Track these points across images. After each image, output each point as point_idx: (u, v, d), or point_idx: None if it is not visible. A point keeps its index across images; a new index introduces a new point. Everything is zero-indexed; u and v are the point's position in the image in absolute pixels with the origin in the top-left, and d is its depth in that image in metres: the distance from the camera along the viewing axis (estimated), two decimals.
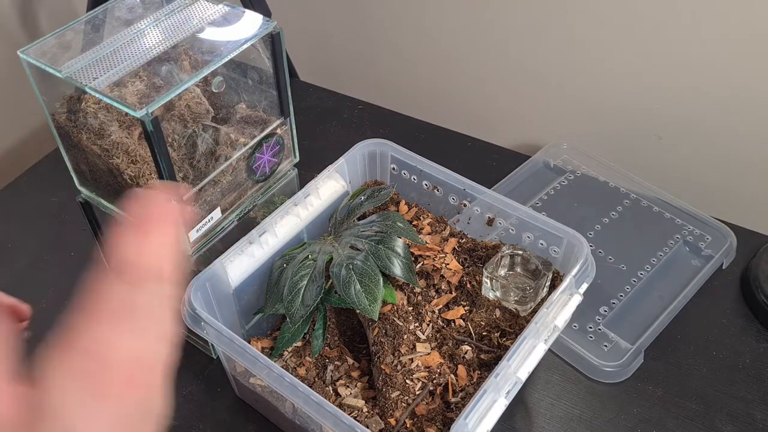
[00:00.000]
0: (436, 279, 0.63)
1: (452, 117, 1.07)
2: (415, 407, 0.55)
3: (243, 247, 0.62)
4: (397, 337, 0.58)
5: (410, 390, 0.55)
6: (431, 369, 0.56)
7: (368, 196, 0.68)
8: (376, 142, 0.71)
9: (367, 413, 0.56)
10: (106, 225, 0.70)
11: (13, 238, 0.85)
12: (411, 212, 0.70)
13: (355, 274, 0.58)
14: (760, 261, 0.76)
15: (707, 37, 0.84)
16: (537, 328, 0.54)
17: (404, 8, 1.06)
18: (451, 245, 0.65)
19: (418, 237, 0.63)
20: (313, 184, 0.68)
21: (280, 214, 0.65)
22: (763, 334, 0.72)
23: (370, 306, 0.56)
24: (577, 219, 0.83)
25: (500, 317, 0.60)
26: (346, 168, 0.70)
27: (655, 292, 0.75)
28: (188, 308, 0.57)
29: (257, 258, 0.63)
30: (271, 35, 0.59)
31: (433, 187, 0.69)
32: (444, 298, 0.62)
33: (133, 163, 0.57)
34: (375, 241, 0.60)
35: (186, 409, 0.68)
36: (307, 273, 0.60)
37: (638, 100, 0.95)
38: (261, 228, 0.63)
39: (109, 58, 0.56)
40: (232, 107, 0.64)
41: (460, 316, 0.60)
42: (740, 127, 0.89)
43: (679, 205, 0.84)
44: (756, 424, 0.65)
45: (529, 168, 0.90)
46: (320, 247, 0.63)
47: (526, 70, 1.02)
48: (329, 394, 0.59)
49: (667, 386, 0.68)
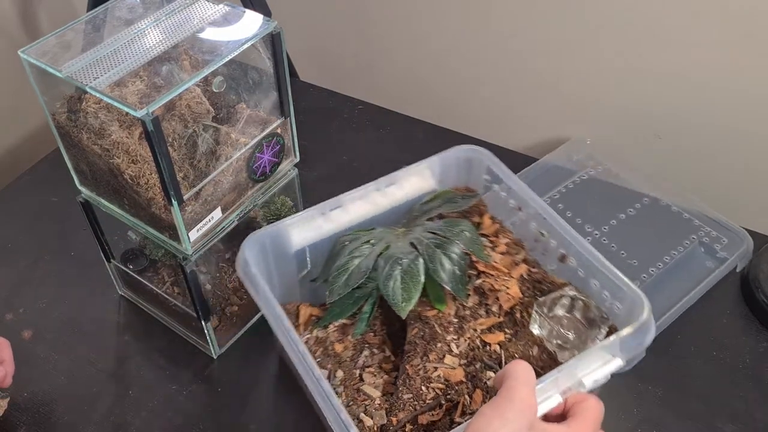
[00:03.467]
0: (491, 300, 0.61)
1: (452, 117, 1.07)
2: (420, 414, 0.54)
3: (312, 215, 0.63)
4: (432, 343, 0.58)
5: (423, 396, 0.55)
6: (450, 384, 0.56)
7: (448, 199, 0.66)
8: (474, 149, 0.68)
9: (377, 405, 0.56)
10: (106, 225, 0.70)
11: (13, 238, 0.85)
12: (492, 227, 0.67)
13: (399, 269, 0.58)
14: (760, 261, 0.76)
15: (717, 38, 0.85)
16: (557, 377, 0.50)
17: (404, 8, 1.06)
18: (520, 271, 0.62)
19: (482, 252, 0.61)
20: (399, 174, 0.66)
21: (359, 194, 0.65)
22: (763, 334, 0.72)
23: (402, 303, 0.56)
24: (593, 212, 0.84)
25: (536, 356, 0.58)
26: (437, 167, 0.68)
27: (665, 289, 0.75)
28: (242, 260, 0.59)
29: (324, 230, 0.64)
30: (272, 35, 0.59)
31: (518, 208, 0.66)
32: (490, 320, 0.60)
33: (133, 163, 0.57)
34: (434, 243, 0.60)
35: (186, 408, 0.68)
36: (360, 256, 0.60)
37: (639, 101, 0.95)
38: (335, 203, 0.64)
39: (109, 58, 0.56)
40: (233, 107, 0.64)
41: (498, 342, 0.59)
42: (740, 126, 0.89)
43: (698, 206, 0.84)
44: (756, 424, 0.65)
45: (550, 161, 0.92)
46: (384, 236, 0.62)
47: (527, 71, 1.02)
48: (354, 377, 0.59)
49: (667, 386, 0.68)
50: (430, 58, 1.10)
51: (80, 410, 0.68)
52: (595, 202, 0.86)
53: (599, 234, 0.82)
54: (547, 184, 0.88)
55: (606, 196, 0.87)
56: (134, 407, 0.68)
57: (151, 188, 0.57)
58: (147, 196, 0.58)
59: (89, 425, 0.67)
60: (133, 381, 0.70)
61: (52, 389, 0.70)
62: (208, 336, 0.69)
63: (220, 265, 0.72)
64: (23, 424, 0.67)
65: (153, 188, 0.57)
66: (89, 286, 0.79)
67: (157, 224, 0.61)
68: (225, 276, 0.72)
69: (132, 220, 0.63)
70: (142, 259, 0.74)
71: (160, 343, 0.74)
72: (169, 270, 0.73)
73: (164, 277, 0.73)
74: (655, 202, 0.85)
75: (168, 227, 0.60)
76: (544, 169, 0.91)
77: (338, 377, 0.59)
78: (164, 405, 0.68)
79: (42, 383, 0.70)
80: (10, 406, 0.68)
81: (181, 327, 0.74)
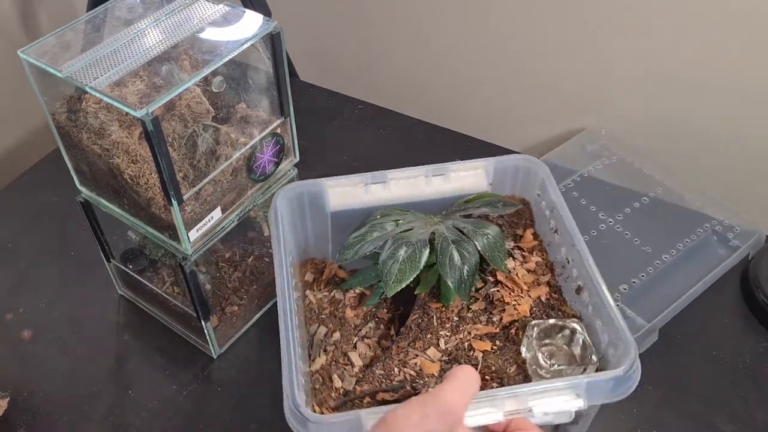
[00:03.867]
0: (497, 310, 0.61)
1: (452, 117, 1.07)
2: (381, 392, 0.55)
3: (354, 182, 0.65)
4: (424, 333, 0.58)
5: (392, 377, 0.56)
6: (421, 373, 0.56)
7: (490, 202, 0.64)
8: (531, 160, 0.66)
9: (354, 373, 0.57)
10: (106, 225, 0.70)
11: (13, 238, 0.85)
12: (531, 243, 0.66)
13: (402, 252, 0.58)
14: (760, 261, 0.76)
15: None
16: (503, 397, 0.49)
17: (404, 8, 1.06)
18: (539, 293, 0.61)
19: (501, 262, 0.59)
20: (449, 165, 0.66)
21: (404, 174, 0.66)
22: (763, 334, 0.72)
23: (392, 283, 0.56)
24: (608, 201, 0.85)
25: (511, 374, 0.57)
26: (491, 170, 0.67)
27: (678, 276, 0.76)
28: (273, 205, 0.61)
29: (362, 200, 0.65)
30: (271, 35, 0.59)
31: (555, 230, 0.64)
32: (486, 329, 0.60)
33: (133, 163, 0.57)
34: (451, 238, 0.59)
35: (186, 409, 0.68)
36: (381, 231, 0.61)
37: (639, 101, 0.95)
38: (380, 176, 0.65)
39: (109, 58, 0.56)
40: (233, 107, 0.64)
41: (483, 350, 0.59)
42: (741, 124, 0.89)
43: (711, 195, 0.85)
44: (756, 424, 0.65)
45: (566, 150, 0.93)
46: (414, 221, 0.62)
47: (526, 71, 1.02)
48: (349, 342, 0.60)
49: (667, 386, 0.68)
50: (429, 58, 1.10)
51: (80, 410, 0.68)
52: (610, 190, 0.87)
53: (613, 222, 0.83)
54: (563, 172, 0.90)
55: (620, 185, 0.88)
56: (134, 407, 0.68)
57: (150, 188, 0.57)
58: (147, 196, 0.58)
59: (89, 425, 0.67)
60: (133, 381, 0.70)
61: (52, 389, 0.70)
62: (208, 336, 0.69)
63: (220, 265, 0.72)
64: (23, 424, 0.67)
65: (153, 188, 0.57)
66: (89, 286, 0.79)
67: (156, 224, 0.61)
68: (225, 276, 0.72)
69: (132, 220, 0.63)
70: (142, 258, 0.74)
71: (160, 343, 0.74)
72: (168, 270, 0.73)
73: (164, 277, 0.73)
74: (669, 192, 0.87)
75: (168, 227, 0.60)
76: (559, 158, 0.92)
77: (334, 338, 0.60)
78: (164, 405, 0.68)
79: (42, 383, 0.70)
80: (10, 406, 0.68)
81: (181, 327, 0.74)
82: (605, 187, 0.88)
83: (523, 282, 0.62)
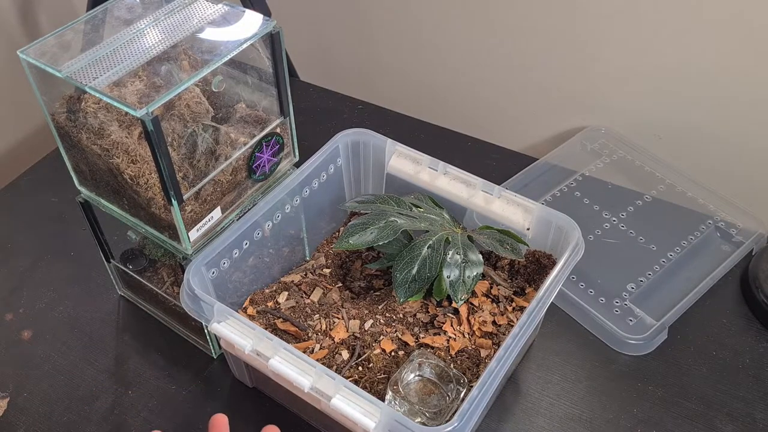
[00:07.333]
0: (432, 330, 0.64)
1: (452, 117, 1.07)
2: (281, 319, 0.65)
3: (416, 158, 0.71)
4: (369, 307, 0.66)
5: (310, 319, 0.65)
6: (328, 333, 0.63)
7: (499, 238, 0.65)
8: (572, 224, 0.63)
9: (307, 303, 0.68)
10: (106, 225, 0.70)
11: (13, 238, 0.85)
12: (524, 303, 0.66)
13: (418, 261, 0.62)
14: (760, 261, 0.76)
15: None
16: (322, 373, 0.52)
17: (404, 8, 1.06)
18: (480, 342, 0.63)
19: (459, 295, 0.61)
20: (503, 191, 0.67)
21: (462, 177, 0.69)
22: (763, 334, 0.72)
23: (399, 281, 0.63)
24: (611, 199, 0.86)
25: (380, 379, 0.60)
26: (535, 217, 0.66)
27: (684, 273, 0.76)
28: None
29: (415, 177, 0.71)
30: (271, 35, 0.59)
31: None
32: (409, 338, 0.63)
33: (133, 163, 0.57)
34: (459, 261, 0.62)
35: (186, 409, 0.68)
36: (405, 218, 0.64)
37: (640, 101, 0.95)
38: (442, 167, 0.70)
39: (108, 58, 0.56)
40: (232, 107, 0.64)
41: (385, 348, 0.62)
42: (741, 121, 0.89)
43: (713, 191, 0.86)
44: (756, 424, 0.65)
45: (566, 149, 0.93)
46: (434, 220, 0.66)
47: (526, 71, 1.02)
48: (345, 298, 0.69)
49: (667, 386, 0.68)
50: (429, 59, 1.10)
51: (80, 410, 0.68)
52: (612, 189, 0.88)
53: (617, 220, 0.83)
54: (564, 172, 0.90)
55: (622, 183, 0.88)
56: (134, 407, 0.68)
57: (150, 188, 0.57)
58: (147, 196, 0.58)
59: (89, 425, 0.67)
60: (132, 381, 0.70)
61: (52, 389, 0.70)
62: (208, 336, 0.69)
63: None
64: (23, 424, 0.67)
65: (153, 188, 0.57)
66: (89, 286, 0.79)
67: (156, 224, 0.61)
68: None
69: (132, 220, 0.63)
70: (142, 259, 0.74)
71: (160, 343, 0.74)
72: (168, 270, 0.73)
73: (164, 277, 0.73)
74: (671, 188, 0.87)
75: (168, 227, 0.60)
76: (560, 157, 0.92)
77: (335, 294, 0.68)
78: (164, 405, 0.68)
79: (42, 383, 0.70)
80: (9, 406, 0.68)
81: (180, 327, 0.74)
82: (607, 186, 0.88)
83: (476, 329, 0.64)
